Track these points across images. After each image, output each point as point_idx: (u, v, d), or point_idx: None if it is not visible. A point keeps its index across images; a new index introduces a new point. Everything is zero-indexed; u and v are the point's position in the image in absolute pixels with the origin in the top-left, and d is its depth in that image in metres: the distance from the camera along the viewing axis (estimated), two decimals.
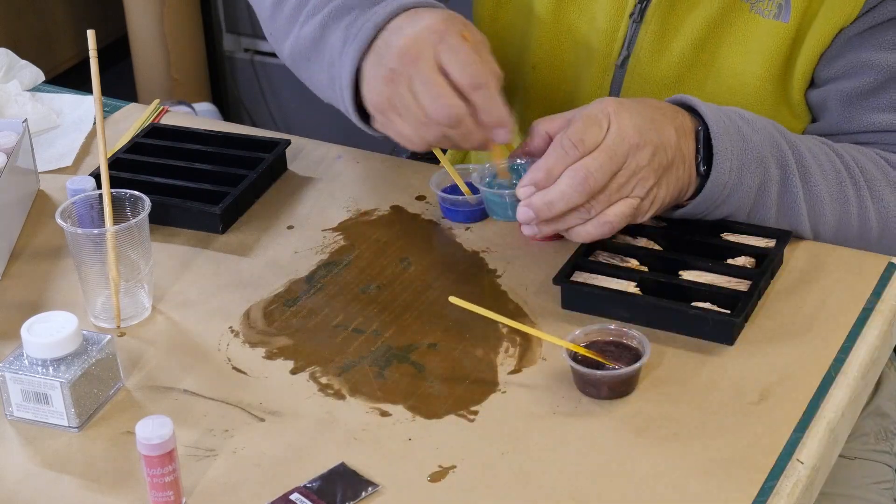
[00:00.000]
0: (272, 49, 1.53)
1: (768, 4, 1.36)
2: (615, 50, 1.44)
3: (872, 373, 1.23)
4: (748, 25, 1.38)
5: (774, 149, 1.30)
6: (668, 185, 1.25)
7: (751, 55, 1.39)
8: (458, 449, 1.13)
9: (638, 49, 1.42)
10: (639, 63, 1.43)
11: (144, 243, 1.28)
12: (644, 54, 1.42)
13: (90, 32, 1.29)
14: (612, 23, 1.43)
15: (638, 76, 1.44)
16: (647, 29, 1.41)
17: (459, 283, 1.33)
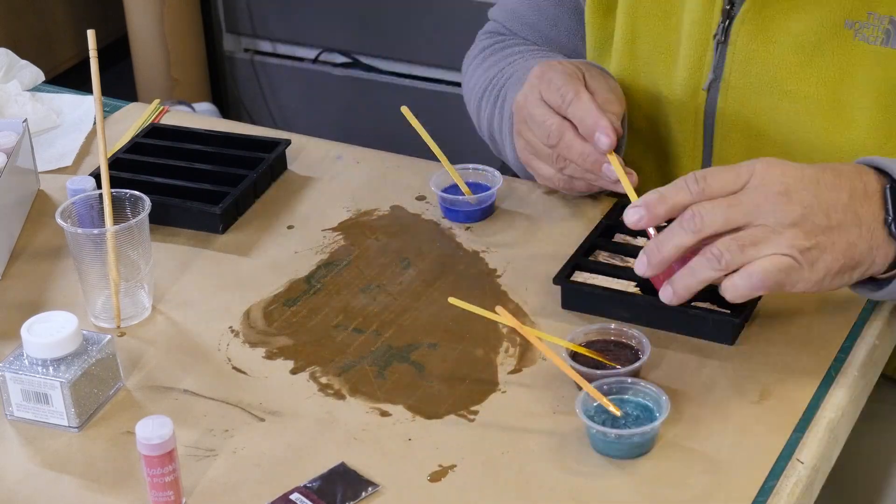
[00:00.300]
0: (272, 49, 1.56)
1: (873, 31, 1.29)
2: (704, 74, 1.39)
3: (872, 373, 1.23)
4: (852, 53, 1.31)
5: None
6: (836, 252, 1.13)
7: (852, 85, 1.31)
8: (458, 449, 1.13)
9: (727, 74, 1.37)
10: (729, 88, 1.37)
11: (144, 243, 1.28)
12: (734, 80, 1.37)
13: (90, 32, 1.29)
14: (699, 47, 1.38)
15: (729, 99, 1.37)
16: (733, 50, 1.36)
17: (459, 283, 1.33)
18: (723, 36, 1.37)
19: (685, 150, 1.44)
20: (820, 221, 1.13)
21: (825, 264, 1.13)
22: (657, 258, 1.14)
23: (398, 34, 3.09)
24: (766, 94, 1.36)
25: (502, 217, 1.43)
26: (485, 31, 1.62)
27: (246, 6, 3.23)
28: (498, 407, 1.16)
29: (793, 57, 1.34)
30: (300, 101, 3.29)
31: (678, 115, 1.43)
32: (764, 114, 1.36)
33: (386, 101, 3.16)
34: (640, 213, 1.15)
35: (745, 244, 1.11)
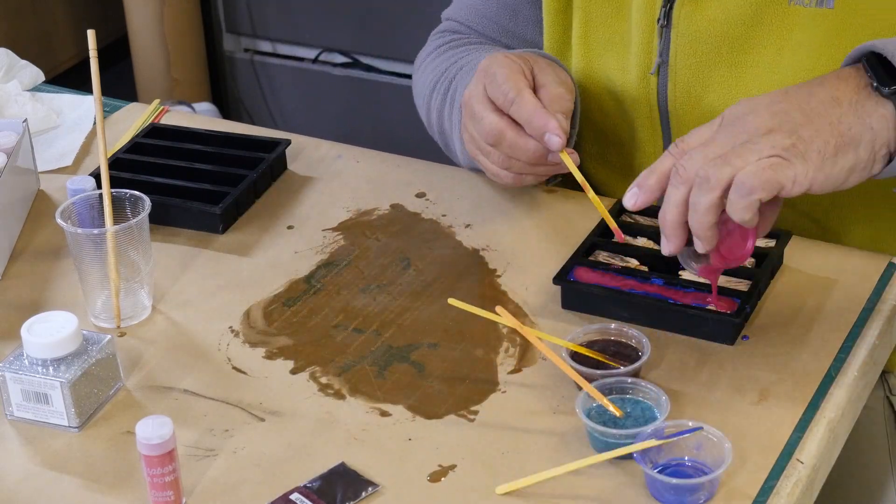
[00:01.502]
0: (272, 49, 1.57)
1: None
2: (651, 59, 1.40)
3: (872, 373, 1.23)
4: (790, 18, 1.33)
5: None
6: (822, 135, 1.12)
7: (793, 49, 1.34)
8: (458, 449, 1.13)
9: (672, 57, 1.38)
10: (677, 70, 1.39)
11: (144, 243, 1.28)
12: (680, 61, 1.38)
13: (90, 32, 1.29)
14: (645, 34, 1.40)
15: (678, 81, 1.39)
16: (676, 33, 1.38)
17: (459, 283, 1.33)
18: (665, 20, 1.38)
19: (645, 136, 1.45)
20: (796, 118, 1.13)
21: (816, 150, 1.12)
22: (667, 227, 1.14)
23: (398, 34, 3.09)
24: (712, 71, 1.37)
25: (502, 217, 1.43)
26: (438, 31, 1.62)
27: (246, 6, 3.23)
28: (498, 407, 1.16)
29: (734, 30, 1.35)
30: (300, 101, 3.29)
31: (633, 103, 1.43)
32: (713, 90, 1.38)
33: (386, 101, 3.16)
34: (635, 191, 1.16)
35: (729, 159, 1.11)
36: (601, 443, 1.10)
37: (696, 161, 1.13)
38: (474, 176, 1.50)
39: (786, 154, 1.11)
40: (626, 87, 1.43)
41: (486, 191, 1.47)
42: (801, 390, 1.17)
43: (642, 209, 1.17)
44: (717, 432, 1.07)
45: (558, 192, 1.46)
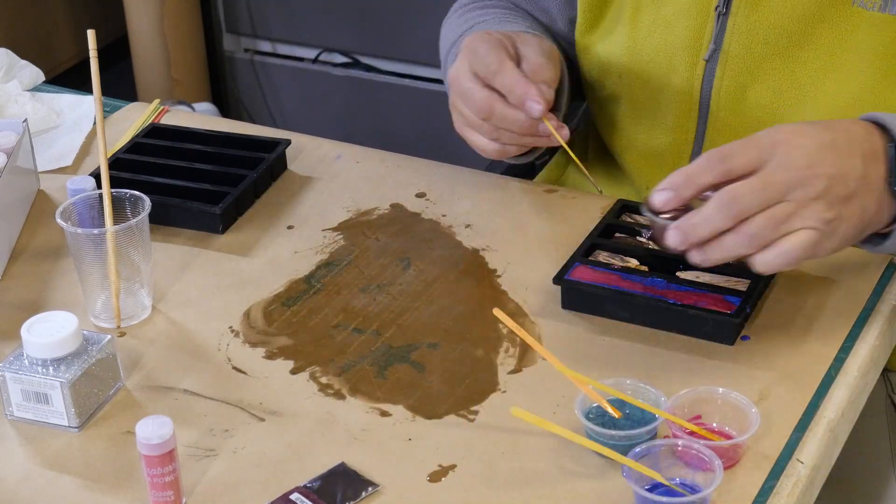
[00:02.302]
0: (272, 49, 1.57)
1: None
2: (704, 45, 1.40)
3: (872, 373, 1.23)
4: (850, 20, 1.32)
5: None
6: (852, 218, 1.17)
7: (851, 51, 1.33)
8: (458, 449, 1.13)
9: (727, 45, 1.38)
10: (729, 58, 1.39)
11: (144, 243, 1.28)
12: (733, 50, 1.38)
13: (90, 32, 1.29)
14: (699, 18, 1.40)
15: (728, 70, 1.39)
16: (734, 22, 1.37)
17: (459, 283, 1.33)
18: (724, 7, 1.38)
19: (679, 121, 1.45)
20: (840, 191, 1.15)
21: (843, 231, 1.17)
22: (693, 238, 1.15)
23: (398, 34, 3.09)
24: (765, 63, 1.37)
25: (502, 217, 1.43)
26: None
27: (246, 6, 3.23)
28: (498, 407, 1.16)
29: (794, 25, 1.35)
30: (300, 101, 3.29)
31: (676, 86, 1.43)
32: (763, 82, 1.38)
33: (386, 101, 3.16)
34: (668, 195, 1.16)
35: (778, 222, 1.14)
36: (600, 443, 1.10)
37: (753, 202, 1.13)
38: (474, 176, 1.50)
39: (825, 228, 1.15)
40: (672, 71, 1.43)
41: (486, 191, 1.47)
42: (801, 390, 1.17)
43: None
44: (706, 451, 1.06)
45: (558, 192, 1.46)
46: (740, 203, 1.13)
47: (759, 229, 1.13)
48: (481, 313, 1.28)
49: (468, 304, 1.29)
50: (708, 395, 1.12)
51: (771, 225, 1.14)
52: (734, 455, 1.09)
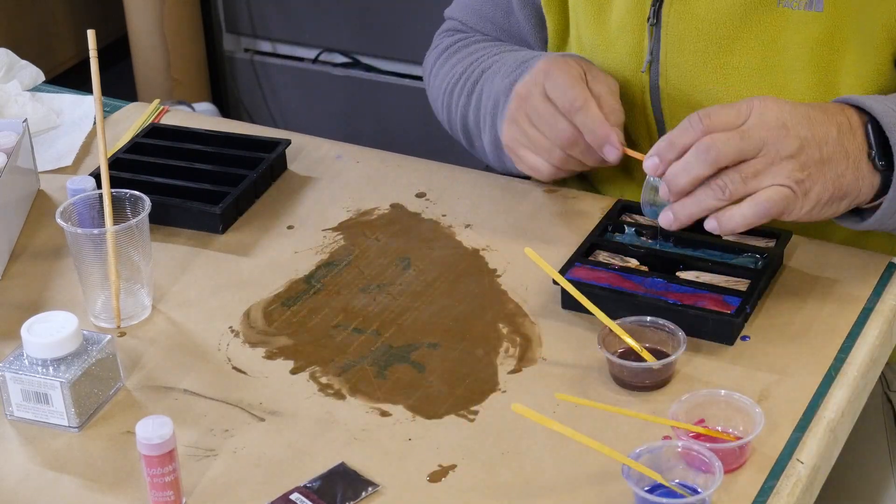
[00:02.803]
0: (272, 49, 1.57)
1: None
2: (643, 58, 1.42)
3: (872, 373, 1.23)
4: (778, 21, 1.34)
5: None
6: (826, 182, 1.22)
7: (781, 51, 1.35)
8: (458, 449, 1.13)
9: (663, 55, 1.40)
10: (668, 69, 1.41)
11: (144, 243, 1.28)
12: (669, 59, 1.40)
13: (90, 32, 1.29)
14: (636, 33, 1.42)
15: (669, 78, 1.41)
16: (665, 32, 1.39)
17: (459, 283, 1.33)
18: (655, 19, 1.40)
19: (640, 133, 1.46)
20: (814, 154, 1.21)
21: (816, 194, 1.22)
22: (675, 187, 1.22)
23: (398, 34, 3.09)
24: (701, 70, 1.39)
25: (502, 217, 1.43)
26: (443, 31, 1.65)
27: (246, 6, 3.23)
28: (498, 407, 1.16)
29: (722, 30, 1.37)
30: (300, 101, 3.29)
31: (630, 100, 1.45)
32: (703, 89, 1.40)
33: (386, 101, 3.16)
34: (654, 161, 1.23)
35: (747, 175, 1.20)
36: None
37: (731, 150, 1.19)
38: (474, 176, 1.50)
39: (796, 188, 1.20)
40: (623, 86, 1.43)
41: (486, 191, 1.47)
42: (801, 390, 1.17)
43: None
44: (707, 452, 1.06)
45: (558, 192, 1.46)
46: (716, 149, 1.19)
47: (729, 181, 1.19)
48: (481, 313, 1.28)
49: (468, 304, 1.29)
50: (710, 397, 1.12)
51: (741, 178, 1.19)
52: (741, 456, 1.09)
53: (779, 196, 1.20)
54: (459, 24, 1.63)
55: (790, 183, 1.20)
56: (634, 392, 1.17)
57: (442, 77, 1.58)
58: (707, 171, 1.20)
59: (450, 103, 1.55)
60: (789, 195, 1.20)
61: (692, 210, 1.22)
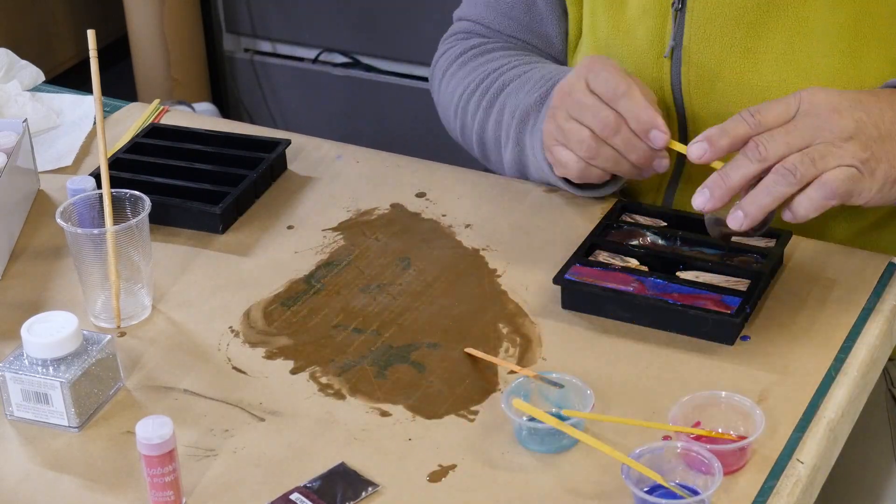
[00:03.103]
0: (272, 49, 1.56)
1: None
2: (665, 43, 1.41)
3: (872, 373, 1.23)
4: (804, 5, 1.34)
5: None
6: (891, 159, 1.21)
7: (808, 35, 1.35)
8: (458, 449, 1.13)
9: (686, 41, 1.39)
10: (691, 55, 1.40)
11: (144, 243, 1.28)
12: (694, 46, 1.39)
13: (90, 32, 1.29)
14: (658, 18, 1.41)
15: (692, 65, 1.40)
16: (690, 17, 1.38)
17: (459, 283, 1.33)
18: (679, 3, 1.39)
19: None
20: (872, 133, 1.20)
21: (883, 172, 1.21)
22: (722, 190, 1.19)
23: (398, 34, 3.09)
24: (727, 55, 1.38)
25: (502, 217, 1.43)
26: (454, 34, 1.61)
27: (246, 6, 3.23)
28: (498, 407, 1.16)
29: (749, 16, 1.36)
30: (300, 101, 3.29)
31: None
32: (727, 74, 1.39)
33: (386, 101, 3.16)
34: (704, 147, 1.20)
35: (814, 158, 1.18)
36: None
37: (779, 145, 1.18)
38: (474, 176, 1.50)
39: (862, 168, 1.19)
40: (640, 73, 1.43)
41: (486, 191, 1.47)
42: (801, 390, 1.17)
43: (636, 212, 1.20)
44: (706, 453, 1.06)
45: (558, 192, 1.46)
46: (765, 145, 1.18)
47: (796, 164, 1.17)
48: (481, 313, 1.28)
49: (468, 304, 1.29)
50: (710, 399, 1.12)
51: (807, 160, 1.17)
52: (741, 458, 1.08)
53: (844, 175, 1.18)
54: (474, 26, 1.59)
55: (855, 162, 1.18)
56: (634, 392, 1.17)
57: (455, 85, 1.55)
58: (755, 168, 1.18)
59: (465, 114, 1.53)
60: (855, 174, 1.18)
61: (763, 200, 1.18)
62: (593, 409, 1.12)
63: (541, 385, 1.15)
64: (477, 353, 1.22)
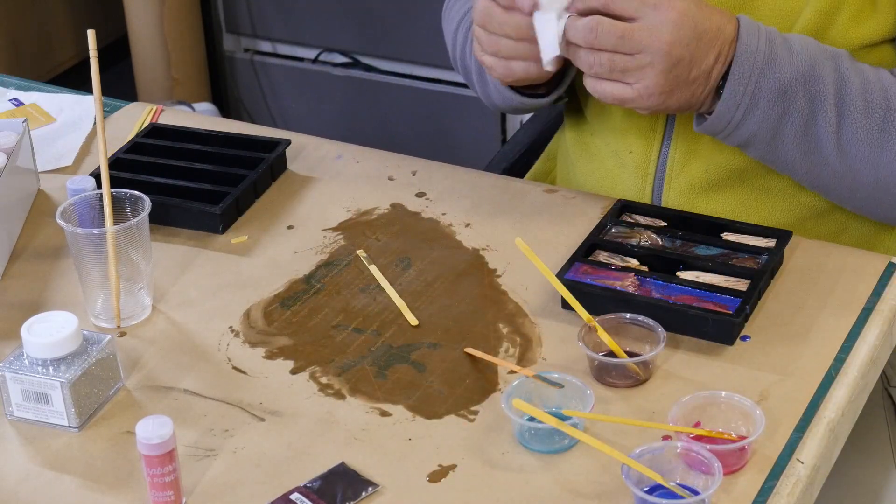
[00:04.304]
0: (272, 49, 1.56)
1: None
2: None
3: (872, 373, 1.23)
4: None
5: (811, 81, 1.30)
6: (679, 99, 1.29)
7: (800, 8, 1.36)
8: (458, 449, 1.13)
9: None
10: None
11: (144, 243, 1.28)
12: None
13: (90, 32, 1.29)
14: None
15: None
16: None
17: (459, 283, 1.33)
18: None
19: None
20: (682, 75, 1.28)
21: (666, 106, 1.30)
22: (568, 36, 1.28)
23: (398, 34, 3.09)
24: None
25: (502, 217, 1.43)
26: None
27: (246, 6, 3.23)
28: (498, 407, 1.16)
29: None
30: (300, 101, 3.29)
31: None
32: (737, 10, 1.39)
33: (386, 101, 3.16)
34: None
35: (614, 68, 1.27)
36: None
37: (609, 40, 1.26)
38: (474, 176, 1.50)
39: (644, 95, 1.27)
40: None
41: (486, 191, 1.47)
42: (801, 390, 1.17)
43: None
44: (706, 453, 1.06)
45: (558, 192, 1.46)
46: (597, 32, 1.26)
47: (597, 63, 1.27)
48: (481, 313, 1.28)
49: (468, 304, 1.29)
50: (710, 399, 1.12)
51: (609, 68, 1.27)
52: (742, 458, 1.08)
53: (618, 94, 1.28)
54: None
55: (642, 91, 1.27)
56: (634, 392, 1.17)
57: (452, 15, 1.58)
58: (582, 43, 1.26)
59: (454, 42, 1.56)
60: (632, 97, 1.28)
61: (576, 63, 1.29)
62: (593, 409, 1.12)
63: (541, 385, 1.15)
64: (477, 353, 1.22)
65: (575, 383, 1.14)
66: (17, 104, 1.68)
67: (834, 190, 1.36)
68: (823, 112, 1.30)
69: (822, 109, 1.30)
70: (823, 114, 1.30)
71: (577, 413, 1.11)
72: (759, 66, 1.29)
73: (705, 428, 1.11)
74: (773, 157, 1.35)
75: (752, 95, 1.29)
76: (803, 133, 1.31)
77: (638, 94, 1.28)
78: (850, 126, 1.31)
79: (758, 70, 1.29)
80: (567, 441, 1.11)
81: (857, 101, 1.30)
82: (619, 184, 1.49)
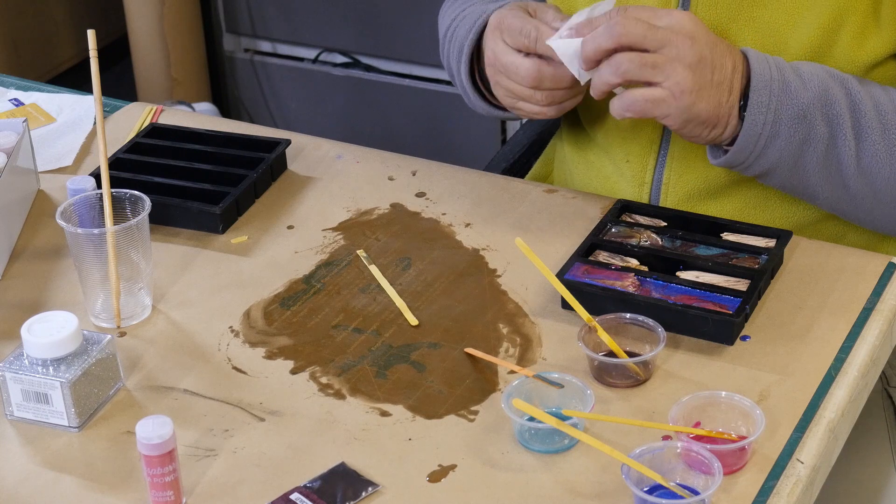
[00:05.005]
0: (272, 49, 1.56)
1: None
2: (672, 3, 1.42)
3: (872, 373, 1.23)
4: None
5: (826, 105, 1.30)
6: (708, 103, 1.28)
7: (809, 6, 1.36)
8: (458, 449, 1.13)
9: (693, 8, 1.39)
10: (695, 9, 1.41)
11: (144, 243, 1.28)
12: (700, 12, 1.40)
13: (90, 32, 1.29)
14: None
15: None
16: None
17: (459, 283, 1.33)
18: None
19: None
20: (707, 74, 1.27)
21: (696, 111, 1.28)
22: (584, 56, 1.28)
23: (398, 34, 3.09)
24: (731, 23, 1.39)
25: (502, 217, 1.43)
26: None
27: (246, 6, 3.23)
28: (498, 407, 1.16)
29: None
30: (300, 102, 3.29)
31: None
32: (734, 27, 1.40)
33: (386, 101, 3.16)
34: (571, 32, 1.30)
35: (645, 63, 1.26)
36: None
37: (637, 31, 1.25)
38: (474, 176, 1.50)
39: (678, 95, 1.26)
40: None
41: (486, 191, 1.47)
42: (801, 390, 1.17)
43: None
44: (706, 453, 1.06)
45: (558, 193, 1.46)
46: (625, 29, 1.25)
47: (626, 60, 1.26)
48: (481, 313, 1.28)
49: (468, 304, 1.29)
50: (710, 399, 1.12)
51: (640, 63, 1.26)
52: (742, 458, 1.08)
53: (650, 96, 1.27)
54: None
55: (674, 88, 1.26)
56: (634, 392, 1.17)
57: (443, 23, 1.58)
58: (609, 43, 1.26)
59: (443, 50, 1.56)
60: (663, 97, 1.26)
61: (595, 81, 1.28)
62: (593, 409, 1.12)
63: (541, 385, 1.15)
64: (477, 353, 1.22)
65: (575, 383, 1.14)
66: (17, 104, 1.68)
67: (853, 211, 1.37)
68: (842, 135, 1.31)
69: (840, 132, 1.31)
70: (843, 137, 1.31)
71: (577, 413, 1.11)
72: (777, 94, 1.29)
73: (705, 428, 1.11)
74: (793, 184, 1.35)
75: (773, 123, 1.29)
76: (825, 157, 1.31)
77: (670, 92, 1.26)
78: (869, 147, 1.31)
79: (775, 98, 1.29)
80: (567, 441, 1.11)
81: (872, 121, 1.31)
82: (616, 192, 1.49)
